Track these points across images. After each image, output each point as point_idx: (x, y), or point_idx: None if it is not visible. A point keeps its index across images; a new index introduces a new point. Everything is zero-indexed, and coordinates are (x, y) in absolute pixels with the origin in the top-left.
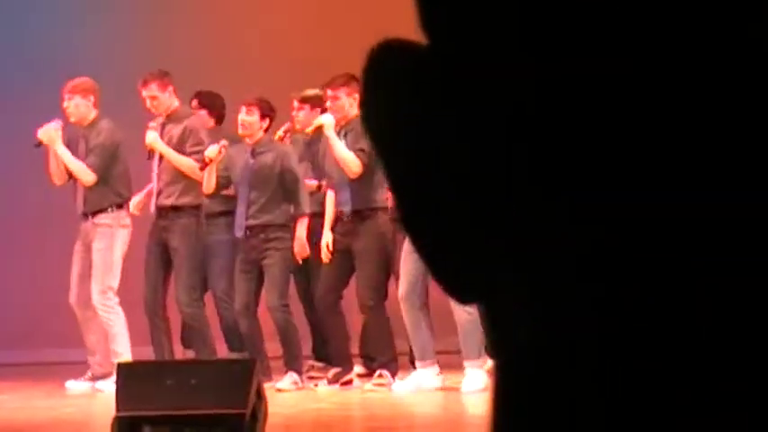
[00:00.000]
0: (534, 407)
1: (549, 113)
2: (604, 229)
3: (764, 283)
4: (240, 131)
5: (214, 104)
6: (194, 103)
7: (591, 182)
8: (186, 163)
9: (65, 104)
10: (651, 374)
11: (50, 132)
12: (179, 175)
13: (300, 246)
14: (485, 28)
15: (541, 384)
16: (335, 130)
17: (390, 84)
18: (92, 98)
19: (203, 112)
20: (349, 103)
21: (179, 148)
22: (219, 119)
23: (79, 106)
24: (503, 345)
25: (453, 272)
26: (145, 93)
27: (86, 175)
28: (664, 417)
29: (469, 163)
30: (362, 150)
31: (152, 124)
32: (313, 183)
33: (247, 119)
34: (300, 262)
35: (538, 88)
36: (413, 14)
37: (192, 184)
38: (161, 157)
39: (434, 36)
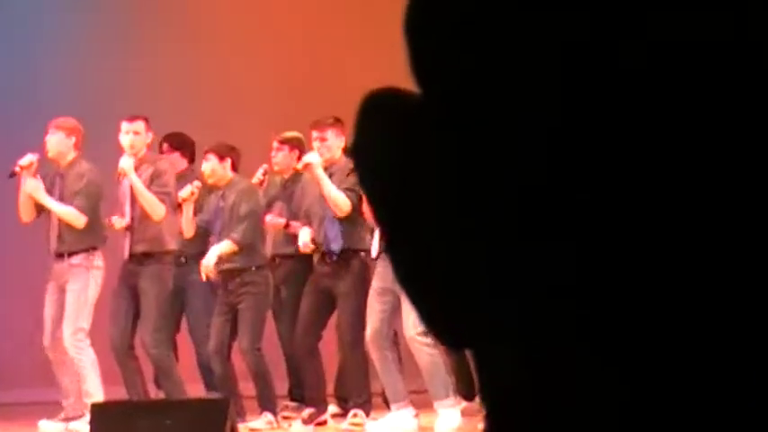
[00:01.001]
0: None
1: (544, 166)
2: (597, 275)
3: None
4: (209, 181)
5: (185, 145)
6: (165, 146)
7: (578, 232)
8: (150, 199)
9: (47, 138)
10: (653, 415)
11: (35, 184)
12: (148, 220)
13: (208, 260)
14: (478, 78)
15: (535, 428)
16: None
17: (383, 131)
18: (74, 138)
19: (176, 155)
20: (336, 144)
21: (147, 188)
22: (191, 158)
23: (60, 144)
24: (492, 389)
25: (444, 318)
26: (128, 126)
27: (77, 219)
28: None
29: (463, 211)
30: (351, 190)
31: (129, 155)
32: (281, 221)
33: (206, 166)
34: (204, 278)
35: (530, 141)
36: (402, 51)
37: (162, 230)
38: (133, 201)
39: (425, 84)
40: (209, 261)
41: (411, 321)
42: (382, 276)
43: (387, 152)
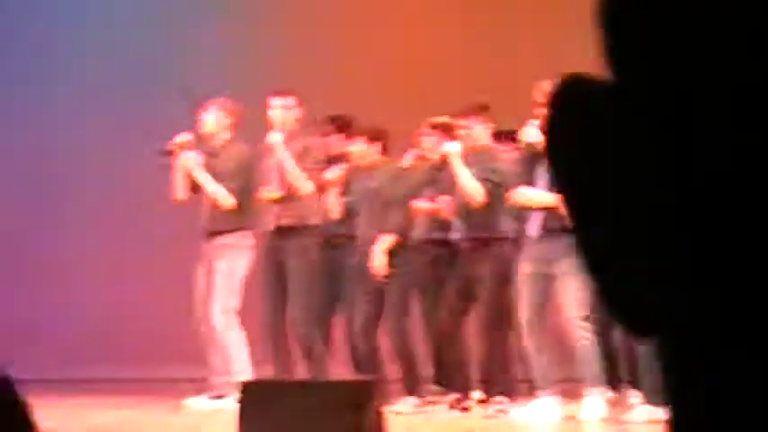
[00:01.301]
0: None
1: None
2: None
3: None
4: (356, 162)
5: (348, 127)
6: (329, 127)
7: None
8: (299, 175)
9: (204, 114)
10: None
11: (192, 159)
12: (295, 195)
13: (377, 261)
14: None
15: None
16: (463, 159)
17: (576, 117)
18: (231, 119)
19: (339, 136)
20: (480, 132)
21: (297, 164)
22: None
23: (217, 122)
24: (687, 383)
25: (638, 304)
26: (278, 102)
27: (225, 200)
28: None
29: (663, 196)
30: (488, 180)
31: (277, 130)
32: (428, 205)
33: (355, 148)
34: (380, 279)
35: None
36: (536, 44)
37: (308, 203)
38: (280, 175)
39: (621, 69)
40: (379, 263)
41: (571, 305)
42: (537, 260)
43: (581, 137)
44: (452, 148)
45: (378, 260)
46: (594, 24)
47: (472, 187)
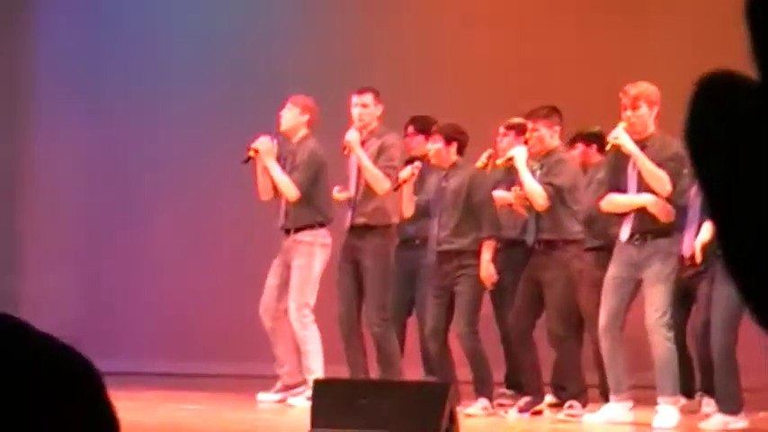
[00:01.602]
0: None
1: None
2: None
3: None
4: (432, 162)
5: (429, 129)
6: (410, 128)
7: None
8: (375, 174)
9: (282, 112)
10: None
11: (267, 143)
12: (371, 193)
13: (486, 270)
14: None
15: None
16: (529, 162)
17: (721, 114)
18: (308, 116)
19: (420, 138)
20: (549, 135)
21: (373, 161)
22: None
23: (294, 119)
24: None
25: None
26: (358, 99)
27: (290, 190)
28: None
29: None
30: (550, 184)
31: (355, 128)
32: (505, 195)
33: (431, 147)
34: (488, 287)
35: None
36: (614, 43)
37: (384, 204)
38: (358, 173)
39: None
40: (487, 273)
41: (654, 311)
42: (624, 264)
43: (725, 135)
44: (517, 153)
45: (486, 269)
46: (741, 23)
47: (535, 191)
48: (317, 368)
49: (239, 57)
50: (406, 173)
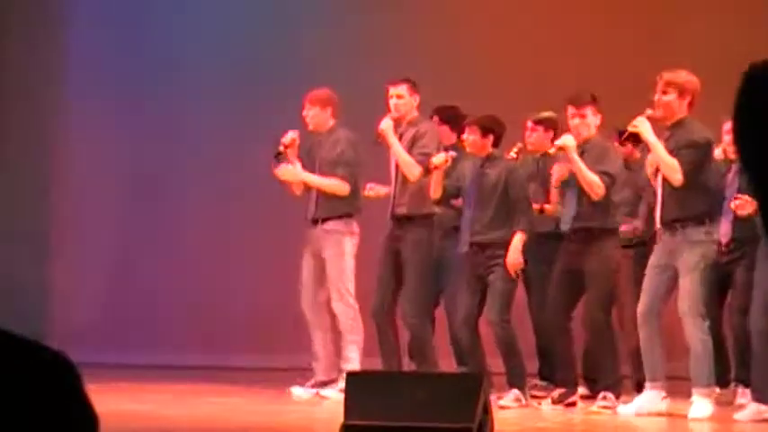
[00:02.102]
0: None
1: None
2: None
3: None
4: (468, 151)
5: (454, 118)
6: (435, 118)
7: None
8: (407, 160)
9: (304, 113)
10: None
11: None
12: (409, 183)
13: (514, 259)
14: None
15: None
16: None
17: None
18: (329, 109)
19: (445, 128)
20: (594, 122)
21: (408, 150)
22: (460, 132)
23: (317, 116)
24: None
25: None
26: (393, 90)
27: (342, 188)
28: None
29: None
30: (606, 173)
31: (389, 117)
32: (535, 206)
33: (469, 138)
34: (512, 275)
35: None
36: (638, 35)
37: (421, 192)
38: (397, 163)
39: None
40: (515, 260)
41: (688, 301)
42: (662, 252)
43: None
44: (568, 142)
45: (513, 257)
46: None
47: (592, 181)
48: (354, 358)
49: (268, 55)
50: (439, 159)
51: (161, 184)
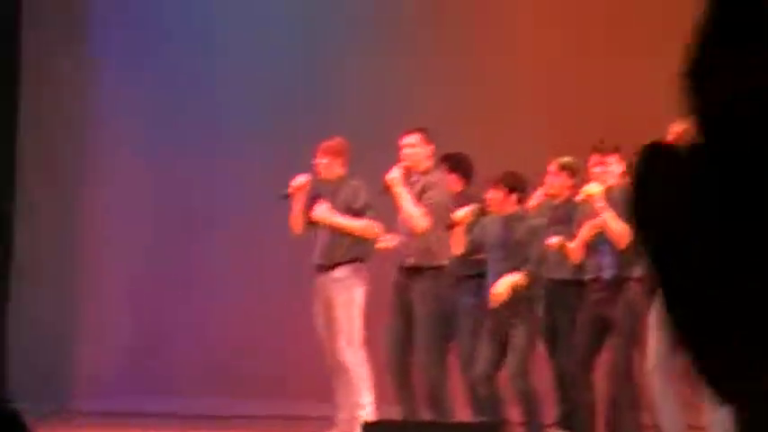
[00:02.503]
0: None
1: None
2: None
3: None
4: (491, 208)
5: (462, 166)
6: (443, 167)
7: None
8: (413, 212)
9: (316, 161)
10: None
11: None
12: (415, 235)
13: (501, 287)
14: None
15: None
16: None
17: (665, 181)
18: (340, 158)
19: (453, 176)
20: (617, 171)
21: (417, 200)
22: (468, 179)
23: (329, 167)
24: None
25: (716, 367)
26: (404, 140)
27: (373, 230)
28: None
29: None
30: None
31: (399, 167)
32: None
33: (494, 197)
34: (492, 304)
35: None
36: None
37: (430, 244)
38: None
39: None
40: (500, 290)
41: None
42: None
43: (669, 195)
44: (595, 190)
45: (499, 288)
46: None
47: (621, 229)
48: (367, 403)
49: (297, 94)
50: (461, 214)
51: (186, 222)
